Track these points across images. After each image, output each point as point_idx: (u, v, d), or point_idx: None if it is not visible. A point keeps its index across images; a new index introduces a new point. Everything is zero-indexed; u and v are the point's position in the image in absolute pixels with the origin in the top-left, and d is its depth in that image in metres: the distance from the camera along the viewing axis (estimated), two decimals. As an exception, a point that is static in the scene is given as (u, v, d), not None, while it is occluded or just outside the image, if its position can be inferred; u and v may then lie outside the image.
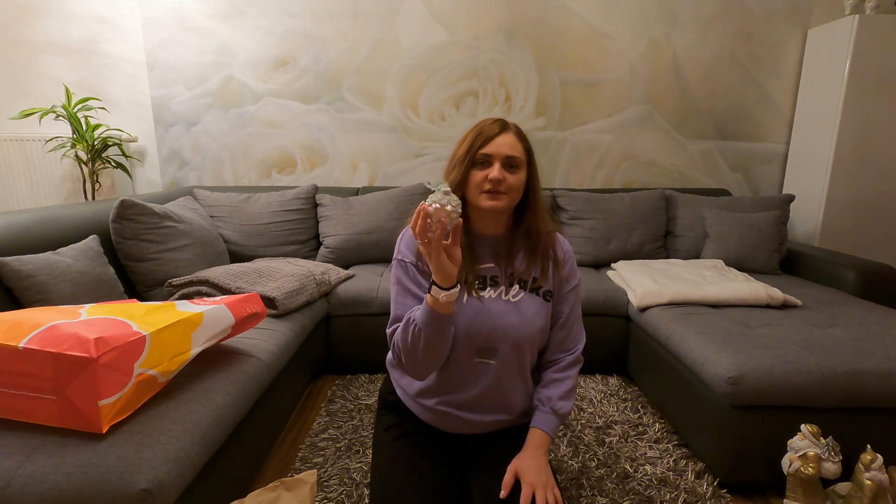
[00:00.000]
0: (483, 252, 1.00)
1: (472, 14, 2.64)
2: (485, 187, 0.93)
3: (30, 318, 0.94)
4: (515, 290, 0.99)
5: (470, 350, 0.97)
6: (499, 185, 0.92)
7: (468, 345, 0.96)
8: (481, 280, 0.99)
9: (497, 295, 0.98)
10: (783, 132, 2.79)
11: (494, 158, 0.93)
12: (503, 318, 0.96)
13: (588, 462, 1.47)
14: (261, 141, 2.75)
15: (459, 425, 1.02)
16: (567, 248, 1.06)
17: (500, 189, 0.92)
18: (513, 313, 0.97)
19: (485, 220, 1.00)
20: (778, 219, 2.30)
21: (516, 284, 0.99)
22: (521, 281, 0.99)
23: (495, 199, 0.93)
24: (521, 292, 0.99)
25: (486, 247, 1.01)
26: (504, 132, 0.95)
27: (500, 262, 1.00)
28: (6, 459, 0.83)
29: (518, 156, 0.94)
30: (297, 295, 1.75)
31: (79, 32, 2.60)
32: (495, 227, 1.01)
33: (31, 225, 1.47)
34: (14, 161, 2.55)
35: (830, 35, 2.50)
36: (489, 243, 1.01)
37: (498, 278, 0.99)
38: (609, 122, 2.77)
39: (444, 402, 1.01)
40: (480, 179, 0.93)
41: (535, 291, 1.00)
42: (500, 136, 0.94)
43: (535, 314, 0.98)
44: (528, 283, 1.00)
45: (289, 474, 1.42)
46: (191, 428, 0.97)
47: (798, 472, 1.24)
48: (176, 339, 1.05)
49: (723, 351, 1.38)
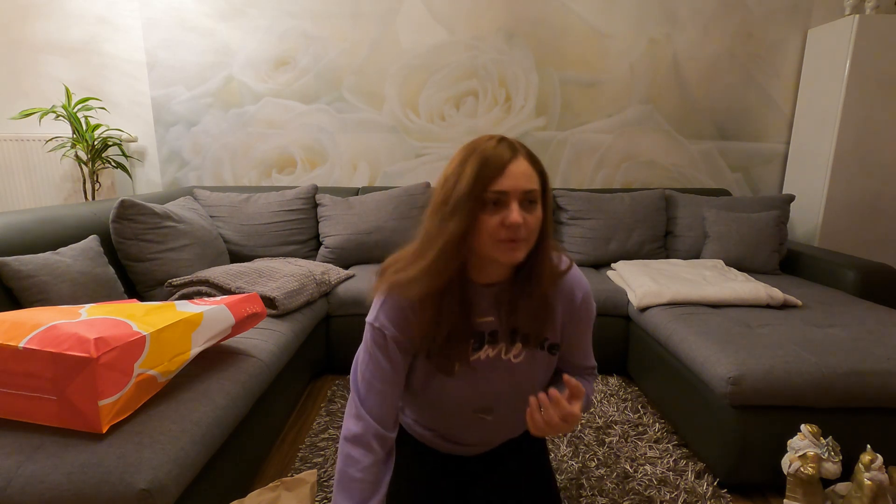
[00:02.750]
0: (482, 304, 0.82)
1: (472, 14, 2.64)
2: (500, 235, 0.71)
3: (30, 318, 0.94)
4: (517, 350, 0.84)
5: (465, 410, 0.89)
6: (519, 231, 0.70)
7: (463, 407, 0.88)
8: (478, 338, 0.83)
9: (496, 354, 0.84)
10: (783, 132, 2.79)
11: (511, 197, 0.70)
12: (500, 384, 0.85)
13: (588, 462, 1.47)
14: (261, 141, 2.75)
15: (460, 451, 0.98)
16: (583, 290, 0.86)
17: (521, 236, 0.71)
18: (511, 377, 0.85)
19: (489, 268, 0.80)
20: (778, 219, 2.30)
21: (518, 342, 0.83)
22: (525, 336, 0.83)
23: (515, 251, 0.72)
24: (524, 351, 0.84)
25: (486, 298, 0.82)
26: (515, 157, 0.72)
27: (500, 315, 0.82)
28: (6, 459, 0.83)
29: (536, 188, 0.73)
30: (297, 295, 1.75)
31: (79, 32, 2.60)
32: (498, 275, 0.81)
33: (31, 225, 1.47)
34: (14, 161, 2.55)
35: (830, 35, 2.50)
36: (489, 293, 0.82)
37: (497, 334, 0.83)
38: (609, 122, 2.77)
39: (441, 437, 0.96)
40: (495, 226, 0.70)
41: (540, 346, 0.85)
42: (512, 164, 0.71)
43: (535, 373, 0.87)
44: (532, 337, 0.83)
45: (289, 474, 1.42)
46: (191, 428, 0.97)
47: (798, 472, 1.24)
48: (176, 339, 1.05)
49: (723, 351, 1.38)
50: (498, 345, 0.83)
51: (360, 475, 0.77)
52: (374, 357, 0.82)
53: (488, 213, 0.71)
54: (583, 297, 0.85)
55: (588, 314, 0.88)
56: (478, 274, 0.81)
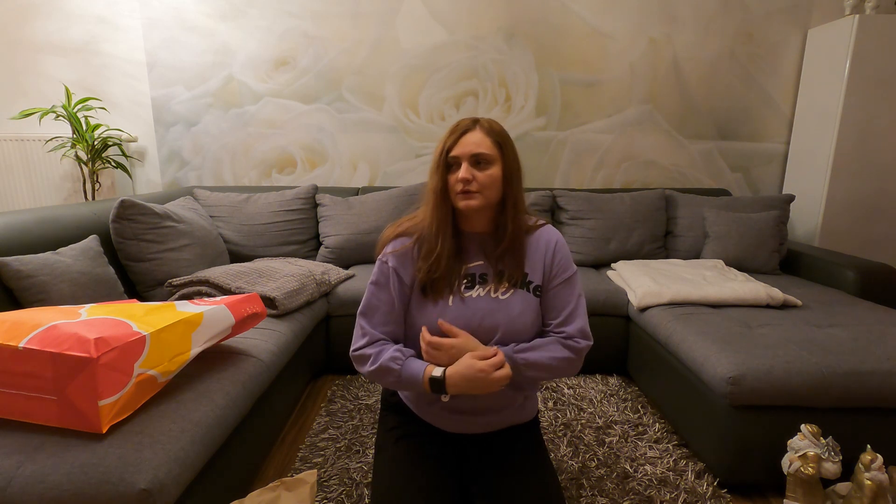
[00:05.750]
0: (472, 250, 1.01)
1: (472, 14, 2.64)
2: (458, 188, 0.94)
3: (30, 318, 0.94)
4: (504, 288, 0.99)
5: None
6: (469, 185, 0.93)
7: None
8: (469, 278, 0.99)
9: (486, 293, 0.98)
10: (783, 132, 2.79)
11: (461, 158, 0.94)
12: (490, 317, 0.96)
13: (588, 462, 1.47)
14: (261, 141, 2.75)
15: (461, 425, 1.02)
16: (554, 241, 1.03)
17: (472, 188, 0.94)
18: (500, 311, 0.97)
19: (470, 219, 1.01)
20: (778, 219, 2.30)
21: (505, 282, 0.99)
22: (511, 277, 0.99)
23: (468, 199, 0.94)
24: (511, 289, 0.99)
25: (475, 244, 1.02)
26: (471, 130, 0.96)
27: (489, 260, 1.00)
28: (6, 459, 0.83)
29: (486, 151, 0.94)
30: (297, 295, 1.75)
31: (79, 32, 2.60)
32: (482, 225, 1.02)
33: (31, 225, 1.47)
34: (14, 161, 2.55)
35: (830, 35, 2.50)
36: (477, 241, 1.02)
37: (487, 276, 1.00)
38: (609, 122, 2.77)
39: (443, 406, 1.00)
40: (454, 182, 0.95)
41: (524, 287, 0.99)
42: (467, 135, 0.95)
43: (523, 310, 0.98)
44: (519, 279, 0.99)
45: (289, 474, 1.42)
46: (191, 428, 0.97)
47: (798, 472, 1.24)
48: (176, 339, 1.05)
49: (723, 351, 1.38)
50: (487, 285, 0.99)
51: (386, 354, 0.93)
52: (378, 285, 1.00)
53: (451, 173, 0.96)
54: (556, 243, 1.03)
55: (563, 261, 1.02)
56: (466, 223, 1.02)
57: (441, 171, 0.96)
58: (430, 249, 0.97)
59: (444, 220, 0.97)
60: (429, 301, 0.98)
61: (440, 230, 0.97)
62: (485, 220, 1.01)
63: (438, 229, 0.97)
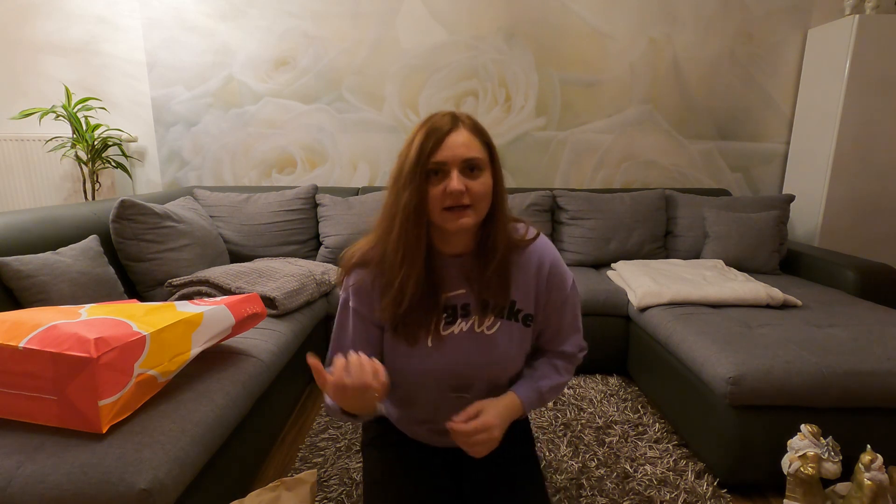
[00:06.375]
0: (452, 276, 0.84)
1: (472, 14, 2.64)
2: (445, 203, 0.75)
3: (30, 318, 0.94)
4: (490, 321, 0.84)
5: (442, 388, 0.87)
6: (461, 198, 0.75)
7: (439, 385, 0.87)
8: (450, 312, 0.84)
9: (469, 327, 0.84)
10: (783, 132, 2.79)
11: (450, 166, 0.75)
12: (475, 357, 0.84)
13: (588, 462, 1.47)
14: (261, 141, 2.75)
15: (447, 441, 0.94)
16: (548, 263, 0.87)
17: (465, 202, 0.75)
18: (486, 349, 0.84)
19: (449, 238, 0.83)
20: (778, 219, 2.30)
21: (491, 314, 0.84)
22: (498, 307, 0.84)
23: (463, 217, 0.76)
24: (498, 321, 0.85)
25: (455, 269, 0.84)
26: (456, 128, 0.77)
27: (472, 287, 0.83)
28: (6, 459, 0.83)
29: (477, 155, 0.77)
30: (297, 295, 1.75)
31: (79, 32, 2.60)
32: (462, 245, 0.84)
33: (31, 225, 1.47)
34: (14, 161, 2.55)
35: (830, 35, 2.50)
36: (458, 265, 0.84)
37: (469, 307, 0.84)
38: (609, 122, 2.76)
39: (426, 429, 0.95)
40: (440, 195, 0.75)
41: (513, 317, 0.86)
42: (451, 136, 0.76)
43: (511, 345, 0.86)
44: (507, 308, 0.85)
45: (289, 474, 1.42)
46: (191, 428, 0.97)
47: (798, 472, 1.24)
48: (176, 339, 1.05)
49: (723, 351, 1.38)
50: (471, 317, 0.84)
51: None
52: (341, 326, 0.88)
53: (433, 184, 0.76)
54: (550, 265, 0.86)
55: (559, 285, 0.88)
56: (443, 244, 0.84)
57: (417, 182, 0.75)
58: (389, 282, 0.80)
59: (415, 246, 0.78)
60: (401, 342, 0.83)
61: (406, 258, 0.78)
62: (467, 239, 0.83)
63: (405, 257, 0.77)
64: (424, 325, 0.82)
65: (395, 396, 0.95)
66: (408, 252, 0.78)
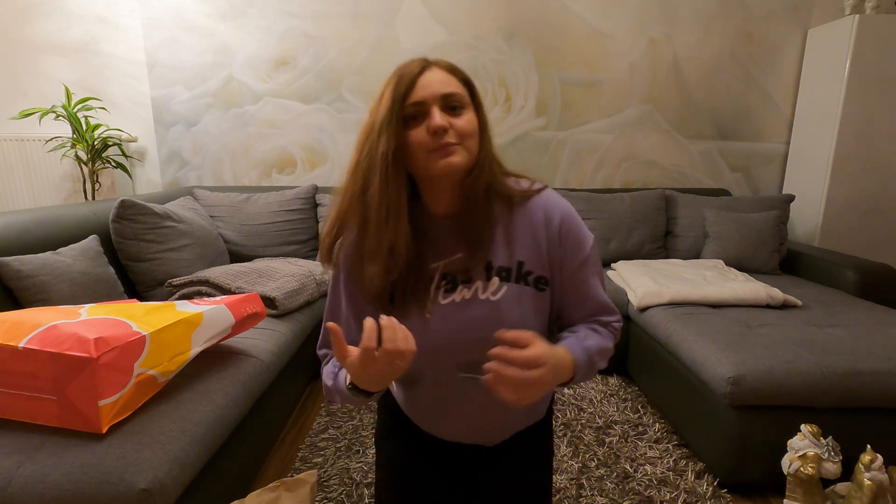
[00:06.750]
0: (446, 240, 0.74)
1: (472, 14, 2.63)
2: (430, 145, 0.67)
3: (30, 318, 0.94)
4: (496, 286, 0.73)
5: (449, 369, 0.76)
6: (446, 135, 0.67)
7: (444, 364, 0.75)
8: (449, 279, 0.74)
9: (472, 295, 0.73)
10: (783, 132, 2.79)
11: (429, 104, 0.68)
12: (480, 326, 0.72)
13: (588, 462, 1.47)
14: (261, 141, 2.75)
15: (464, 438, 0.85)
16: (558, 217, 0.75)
17: (450, 139, 0.67)
18: (492, 317, 0.72)
19: (440, 194, 0.74)
20: (778, 219, 2.30)
21: (495, 276, 0.73)
22: (503, 269, 0.74)
23: (450, 155, 0.68)
24: (504, 286, 0.73)
25: (450, 232, 0.74)
26: (428, 68, 0.71)
27: (470, 249, 0.73)
28: (6, 459, 0.83)
29: (457, 91, 0.70)
30: (297, 295, 1.75)
31: (79, 32, 2.60)
32: (451, 202, 0.74)
33: (30, 225, 1.47)
34: (14, 161, 2.55)
35: (830, 35, 2.50)
36: (451, 226, 0.75)
37: (470, 272, 0.74)
38: (609, 122, 2.76)
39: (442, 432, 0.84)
40: (422, 137, 0.67)
41: (522, 280, 0.74)
42: (425, 75, 0.70)
43: (524, 313, 0.74)
44: (513, 270, 0.74)
45: (289, 474, 1.42)
46: (191, 428, 0.97)
47: (798, 472, 1.24)
48: (176, 339, 1.05)
49: (723, 351, 1.38)
50: (473, 283, 0.73)
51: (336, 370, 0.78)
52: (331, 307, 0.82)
53: (413, 128, 0.68)
54: (561, 219, 0.75)
55: (576, 242, 0.76)
56: (433, 201, 0.75)
57: (395, 128, 0.67)
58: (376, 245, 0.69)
59: (398, 198, 0.68)
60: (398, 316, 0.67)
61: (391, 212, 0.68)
62: (455, 193, 0.74)
63: (389, 211, 0.68)
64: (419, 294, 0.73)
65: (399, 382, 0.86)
66: (391, 205, 0.68)
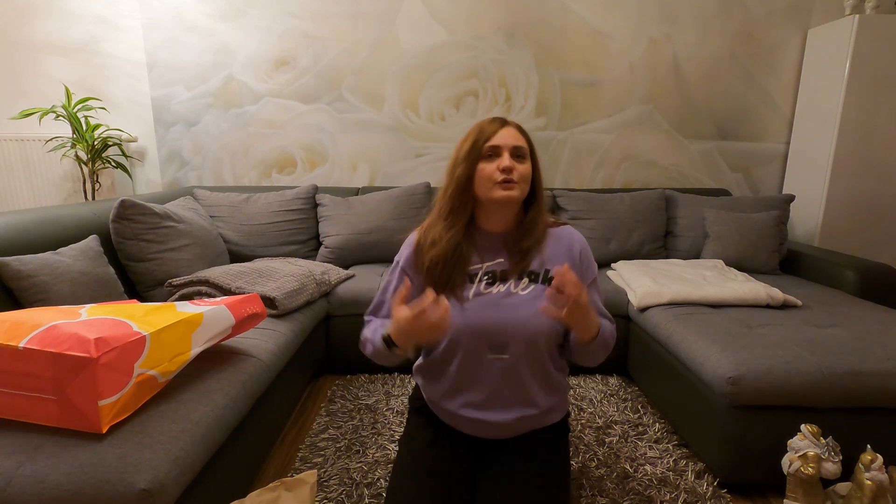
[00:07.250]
0: (492, 248, 1.01)
1: (472, 14, 2.64)
2: (497, 178, 0.93)
3: (30, 318, 0.94)
4: (525, 284, 0.98)
5: (481, 347, 0.96)
6: (511, 174, 0.93)
7: (478, 341, 0.96)
8: (490, 275, 0.99)
9: (506, 289, 0.98)
10: (783, 132, 2.79)
11: (502, 149, 0.94)
12: (512, 312, 0.95)
13: (588, 462, 1.47)
14: (261, 141, 2.75)
15: (484, 429, 1.01)
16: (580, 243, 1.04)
17: (513, 178, 0.93)
18: (522, 306, 0.96)
19: (494, 216, 1.00)
20: (778, 219, 2.30)
21: (526, 278, 0.98)
22: (532, 274, 0.98)
23: (509, 189, 0.93)
24: (532, 285, 0.98)
25: (496, 243, 1.01)
26: (506, 126, 0.97)
27: (511, 257, 0.99)
28: (6, 459, 0.83)
29: (524, 146, 0.96)
30: (297, 295, 1.75)
31: (79, 32, 2.60)
32: (503, 224, 1.01)
33: (30, 225, 1.47)
34: (14, 161, 2.55)
35: (830, 35, 2.50)
36: (499, 240, 1.01)
37: (508, 273, 0.99)
38: (609, 122, 2.77)
39: (466, 405, 1.00)
40: (491, 171, 0.94)
41: (547, 283, 0.98)
42: (503, 130, 0.96)
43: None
44: (541, 275, 0.99)
45: (289, 474, 1.42)
46: (191, 428, 0.97)
47: (798, 472, 1.24)
48: (176, 339, 1.05)
49: (723, 351, 1.38)
50: (508, 281, 0.98)
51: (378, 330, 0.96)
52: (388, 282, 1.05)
53: (485, 163, 0.95)
54: (580, 249, 1.03)
55: (590, 265, 1.04)
56: (486, 222, 1.01)
57: (471, 160, 0.95)
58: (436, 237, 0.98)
59: (460, 209, 0.97)
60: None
61: (451, 217, 0.97)
62: (508, 218, 1.01)
63: (449, 216, 0.97)
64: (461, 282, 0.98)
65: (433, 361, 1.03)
66: (452, 213, 0.97)
